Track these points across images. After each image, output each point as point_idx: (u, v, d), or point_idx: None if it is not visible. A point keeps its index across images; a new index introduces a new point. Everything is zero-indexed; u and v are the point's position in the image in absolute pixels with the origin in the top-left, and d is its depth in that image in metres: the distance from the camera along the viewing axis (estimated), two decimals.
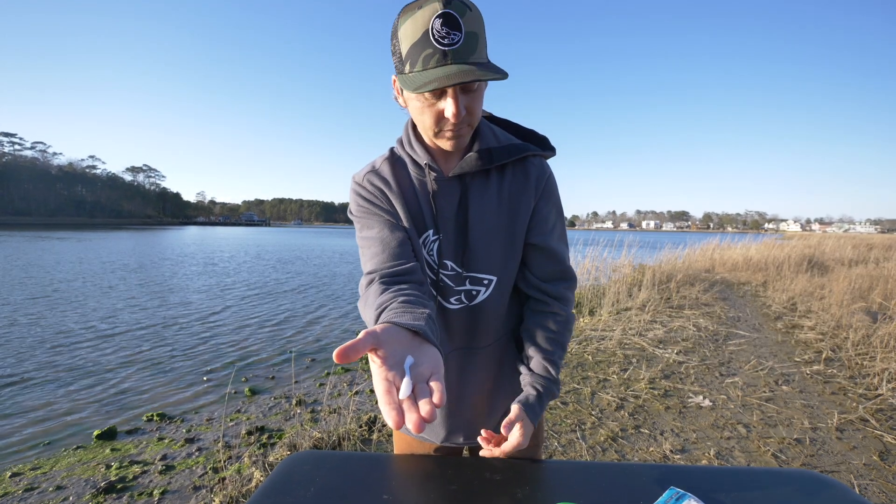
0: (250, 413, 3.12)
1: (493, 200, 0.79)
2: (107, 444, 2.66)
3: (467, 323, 0.84)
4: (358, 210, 0.81)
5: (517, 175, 0.80)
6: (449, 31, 0.61)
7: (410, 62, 0.64)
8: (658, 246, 12.68)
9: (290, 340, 5.27)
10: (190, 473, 2.31)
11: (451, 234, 0.80)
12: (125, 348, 4.81)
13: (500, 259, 0.81)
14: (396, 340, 0.50)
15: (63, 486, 2.21)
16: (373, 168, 0.82)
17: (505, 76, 0.64)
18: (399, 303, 0.62)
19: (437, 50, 0.62)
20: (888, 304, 5.52)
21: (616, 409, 2.83)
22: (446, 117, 0.68)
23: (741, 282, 8.58)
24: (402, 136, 0.83)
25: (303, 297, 8.65)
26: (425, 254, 0.81)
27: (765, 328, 5.04)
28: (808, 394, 3.12)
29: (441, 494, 0.69)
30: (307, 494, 0.68)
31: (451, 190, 0.79)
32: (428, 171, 0.78)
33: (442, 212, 0.79)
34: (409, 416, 0.42)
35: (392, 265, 0.73)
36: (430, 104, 0.68)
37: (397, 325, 0.53)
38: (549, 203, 0.83)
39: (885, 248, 15.03)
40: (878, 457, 2.29)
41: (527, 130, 0.87)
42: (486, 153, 0.77)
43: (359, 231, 0.81)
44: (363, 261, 0.78)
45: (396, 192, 0.78)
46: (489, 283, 0.82)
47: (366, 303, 0.70)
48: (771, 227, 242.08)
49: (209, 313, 6.78)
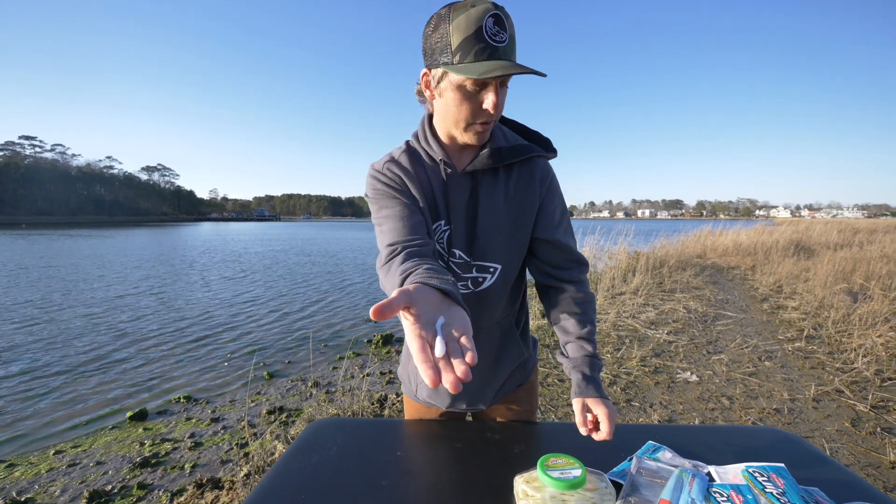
0: (270, 395, 3.31)
1: (501, 196, 0.85)
2: (139, 424, 2.83)
3: (472, 306, 0.89)
4: (375, 193, 0.83)
5: (523, 174, 0.87)
6: (499, 29, 0.68)
7: (461, 54, 0.68)
8: (653, 233, 12.89)
9: (304, 327, 5.49)
10: (217, 449, 2.49)
11: (460, 225, 0.85)
12: (151, 337, 5.03)
13: (505, 250, 0.87)
14: (427, 300, 0.51)
15: (102, 462, 2.38)
16: (392, 158, 0.86)
17: (545, 76, 0.70)
18: (424, 269, 0.63)
19: (488, 45, 0.67)
20: (868, 285, 5.77)
21: (609, 385, 3.03)
22: (485, 108, 0.74)
23: (731, 266, 8.82)
24: (419, 132, 0.88)
25: (314, 286, 8.93)
26: (436, 241, 0.86)
27: (751, 309, 5.27)
28: (788, 368, 3.34)
29: (447, 451, 0.81)
30: (330, 454, 0.79)
31: (463, 185, 0.85)
32: (443, 166, 0.84)
33: (453, 204, 0.84)
34: (446, 376, 0.43)
35: (414, 239, 0.76)
36: (471, 96, 0.73)
37: (428, 285, 0.54)
38: (554, 200, 0.90)
39: (869, 231, 15.41)
40: (850, 424, 2.50)
41: (532, 132, 0.93)
42: (497, 152, 0.83)
43: (376, 211, 0.82)
44: (382, 236, 0.79)
45: (416, 182, 0.83)
46: (494, 271, 0.88)
47: (388, 271, 0.70)
48: (762, 213, 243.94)
49: (227, 303, 7.03)
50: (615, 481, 0.71)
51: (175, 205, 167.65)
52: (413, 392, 1.03)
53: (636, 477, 0.70)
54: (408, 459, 0.78)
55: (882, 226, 19.63)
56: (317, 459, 0.78)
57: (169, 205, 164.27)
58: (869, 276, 6.47)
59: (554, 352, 3.71)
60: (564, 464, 0.65)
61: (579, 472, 0.63)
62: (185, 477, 2.23)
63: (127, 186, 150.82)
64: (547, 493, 0.62)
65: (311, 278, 10.02)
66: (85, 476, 2.25)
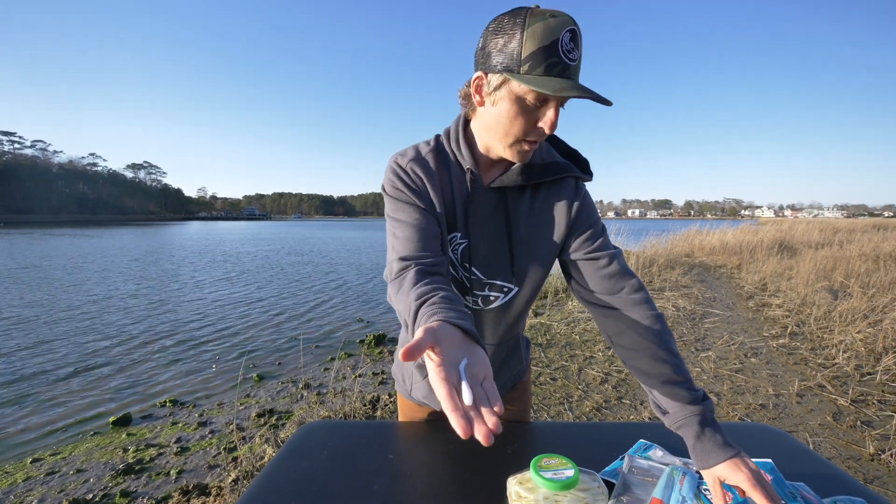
0: (259, 397, 3.26)
1: (526, 216, 0.80)
2: (122, 430, 2.77)
3: (478, 322, 0.86)
4: (395, 191, 0.78)
5: (551, 195, 0.81)
6: (574, 47, 0.63)
7: (531, 64, 0.63)
8: (642, 233, 13.07)
9: (295, 328, 5.42)
10: (204, 454, 2.45)
11: (479, 241, 0.80)
12: (136, 339, 4.92)
13: (524, 272, 0.82)
14: (451, 339, 0.50)
15: (83, 469, 2.32)
16: (418, 155, 0.79)
17: (611, 104, 0.65)
18: (440, 297, 0.60)
19: (561, 61, 0.62)
20: (848, 283, 5.93)
21: (601, 383, 3.06)
22: (540, 126, 0.68)
23: (718, 265, 8.98)
24: (451, 132, 0.81)
25: (307, 286, 8.85)
26: (450, 252, 0.81)
27: (737, 307, 5.37)
28: (773, 364, 3.41)
29: (440, 453, 0.80)
30: (321, 457, 0.78)
31: (488, 199, 0.79)
32: (469, 176, 0.78)
33: (474, 219, 0.79)
34: (479, 428, 0.42)
35: (428, 256, 0.72)
36: (528, 111, 0.67)
37: (450, 323, 0.52)
38: (589, 222, 0.82)
39: (849, 231, 15.84)
40: (831, 418, 2.57)
41: (570, 149, 0.87)
42: (528, 169, 0.77)
43: (392, 211, 0.78)
44: (394, 242, 0.75)
45: (437, 188, 0.78)
46: (509, 291, 0.83)
47: (400, 289, 0.68)
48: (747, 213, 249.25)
49: (215, 304, 6.92)
50: (607, 480, 0.71)
51: (162, 203, 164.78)
52: (407, 391, 1.01)
53: (628, 476, 0.70)
54: (400, 462, 0.78)
55: (860, 225, 20.17)
56: (307, 463, 0.77)
57: (156, 203, 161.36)
58: (848, 273, 6.64)
59: (547, 351, 3.73)
60: (557, 464, 0.65)
61: (572, 473, 0.63)
62: (171, 483, 2.18)
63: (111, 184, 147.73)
64: (540, 495, 0.62)
65: (303, 278, 9.92)
66: (64, 485, 2.19)
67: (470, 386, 0.46)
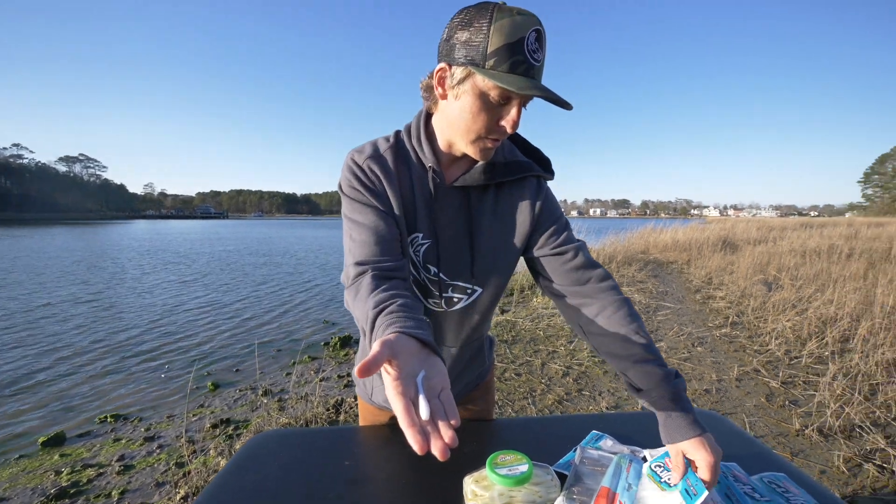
0: (214, 407, 3.10)
1: (490, 215, 0.80)
2: (55, 451, 2.53)
3: (441, 324, 0.86)
4: (352, 191, 0.76)
5: (514, 194, 0.81)
6: (539, 47, 0.63)
7: (496, 60, 0.62)
8: (602, 231, 13.61)
9: (253, 332, 5.17)
10: (151, 471, 2.30)
11: (443, 243, 0.79)
12: (71, 348, 4.51)
13: (488, 273, 0.82)
14: (408, 352, 0.50)
15: (6, 498, 2.09)
16: (376, 152, 0.77)
17: (571, 108, 0.67)
18: (398, 306, 0.60)
19: (526, 60, 0.62)
20: (780, 276, 6.48)
21: (562, 377, 3.16)
22: (502, 125, 0.68)
23: (670, 261, 9.53)
24: (412, 128, 0.79)
25: (265, 288, 8.45)
26: (411, 253, 0.80)
27: (686, 300, 5.73)
28: (716, 352, 3.67)
29: (398, 456, 0.80)
30: (272, 468, 0.75)
31: (451, 199, 0.78)
32: (431, 174, 0.76)
33: (438, 219, 0.78)
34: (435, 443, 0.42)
35: (385, 260, 0.71)
36: (491, 108, 0.67)
37: (407, 334, 0.52)
38: (553, 218, 0.83)
39: (781, 229, 17.33)
40: (764, 399, 2.80)
41: (532, 147, 0.86)
42: (491, 168, 0.77)
43: (349, 211, 0.76)
44: (351, 245, 0.74)
45: (396, 187, 0.76)
46: (472, 292, 0.83)
47: (356, 296, 0.67)
48: (696, 212, 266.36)
49: (165, 309, 6.47)
50: (560, 473, 0.74)
51: (102, 201, 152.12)
52: (368, 395, 1.00)
53: (579, 467, 0.73)
54: (357, 468, 0.77)
55: (791, 224, 22.13)
56: (257, 475, 0.74)
57: (95, 201, 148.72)
58: (780, 268, 7.27)
59: (512, 347, 3.80)
60: (512, 460, 0.67)
61: (526, 468, 0.64)
62: None
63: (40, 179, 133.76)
64: (495, 492, 0.63)
65: (264, 280, 9.49)
66: None
67: (427, 399, 0.45)
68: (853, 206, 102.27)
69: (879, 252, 8.59)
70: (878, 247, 9.09)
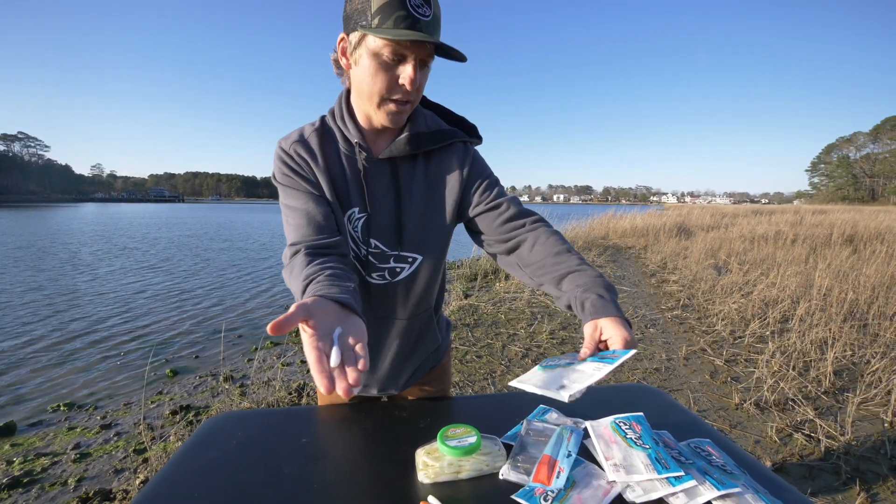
0: (174, 393, 3.02)
1: (421, 184, 0.83)
2: (5, 440, 2.42)
3: (388, 296, 0.88)
4: (282, 178, 0.79)
5: (443, 161, 0.84)
6: (423, 3, 0.65)
7: (380, 18, 0.65)
8: (565, 217, 13.96)
9: (214, 319, 5.02)
10: (109, 458, 2.23)
11: (379, 214, 0.82)
12: (19, 337, 4.24)
13: (425, 240, 0.85)
14: (325, 312, 0.53)
15: None
16: (301, 137, 0.80)
17: (464, 59, 0.70)
18: (326, 276, 0.63)
19: (410, 14, 0.64)
20: (729, 261, 6.92)
21: (522, 358, 3.29)
22: (401, 83, 0.70)
23: (628, 246, 9.95)
24: (335, 109, 0.82)
25: (224, 273, 8.21)
26: (350, 229, 0.83)
27: (642, 283, 6.03)
28: (667, 333, 3.91)
29: (355, 433, 0.82)
30: (229, 447, 0.76)
31: (381, 171, 0.81)
32: (358, 150, 0.79)
33: (371, 191, 0.81)
34: (339, 384, 0.46)
35: (316, 238, 0.74)
36: (388, 67, 0.69)
37: (326, 297, 0.56)
38: (483, 174, 0.86)
39: (734, 216, 18.38)
40: (709, 376, 3.02)
41: (457, 117, 0.89)
42: (416, 138, 0.80)
43: (283, 198, 0.80)
44: (287, 230, 0.78)
45: (322, 167, 0.78)
46: (413, 261, 0.86)
47: (291, 273, 0.70)
48: (655, 199, 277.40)
49: (121, 296, 6.16)
50: (507, 444, 0.79)
51: (45, 182, 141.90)
52: None
53: (525, 438, 0.78)
54: (314, 445, 0.78)
55: (742, 210, 23.52)
56: (214, 454, 0.75)
57: (37, 182, 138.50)
58: (730, 252, 7.75)
59: (474, 330, 3.89)
60: (462, 433, 0.71)
61: (474, 439, 0.69)
62: (69, 493, 1.96)
63: None
64: (445, 462, 0.67)
65: (227, 266, 9.17)
66: None
67: (340, 351, 0.49)
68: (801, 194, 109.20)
69: (821, 238, 9.25)
70: (820, 233, 9.79)
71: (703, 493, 0.63)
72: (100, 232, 17.13)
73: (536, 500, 0.63)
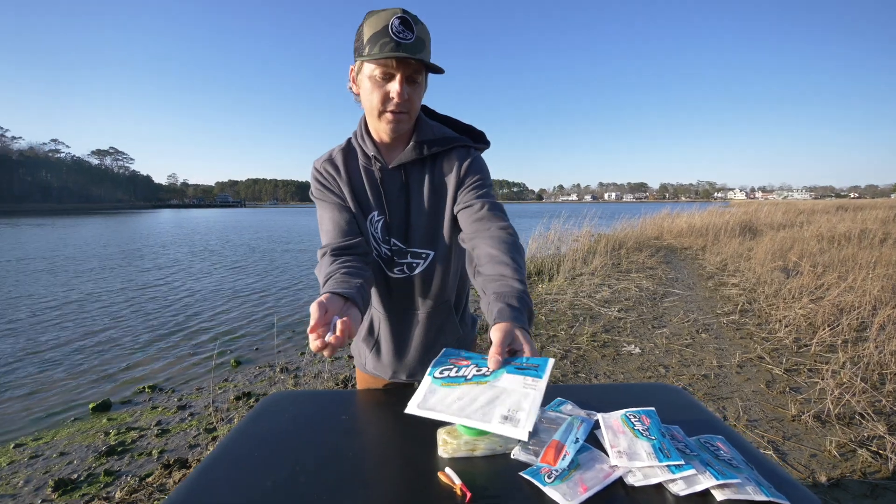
0: (237, 381, 3.36)
1: (426, 186, 0.95)
2: (103, 415, 2.84)
3: (408, 290, 1.01)
4: (316, 192, 0.97)
5: (445, 163, 0.95)
6: (404, 29, 0.79)
7: (370, 47, 0.80)
8: (616, 216, 13.43)
9: (271, 314, 5.51)
10: (185, 435, 2.55)
11: (394, 216, 0.96)
12: (114, 328, 4.93)
13: (433, 237, 0.97)
14: (335, 304, 0.72)
15: (66, 453, 2.40)
16: (329, 157, 0.97)
17: (442, 71, 0.83)
18: (341, 273, 0.80)
19: (392, 40, 0.78)
20: (800, 262, 6.34)
21: (560, 360, 3.28)
22: (391, 96, 0.83)
23: (684, 247, 9.39)
24: (357, 130, 0.97)
25: (281, 272, 8.91)
26: (371, 231, 0.97)
27: (697, 286, 5.70)
28: (721, 339, 3.70)
29: (387, 412, 0.94)
30: (282, 420, 0.90)
31: (394, 178, 0.95)
32: (374, 161, 0.93)
33: (387, 196, 0.95)
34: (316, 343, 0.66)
35: (339, 241, 0.90)
36: (380, 85, 0.83)
37: (335, 293, 0.74)
38: (473, 177, 0.94)
39: (811, 212, 16.62)
40: (765, 385, 2.83)
41: (465, 126, 1.02)
42: (420, 145, 0.92)
43: (318, 209, 0.98)
44: (321, 235, 0.95)
45: (345, 180, 0.94)
46: (427, 256, 0.98)
47: (319, 269, 0.88)
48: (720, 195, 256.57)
49: (192, 292, 6.95)
50: None
51: (131, 191, 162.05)
52: (363, 364, 1.15)
53: (538, 424, 0.85)
54: (351, 422, 0.91)
55: (822, 207, 21.14)
56: (269, 426, 0.89)
57: (124, 191, 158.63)
58: (802, 253, 7.08)
59: None
60: None
61: None
62: (153, 462, 2.29)
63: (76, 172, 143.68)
64: (462, 440, 0.77)
65: (279, 265, 9.94)
66: (49, 467, 2.27)
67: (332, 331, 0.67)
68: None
69: None
70: None
71: (702, 482, 0.67)
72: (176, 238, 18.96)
73: (541, 477, 0.70)
